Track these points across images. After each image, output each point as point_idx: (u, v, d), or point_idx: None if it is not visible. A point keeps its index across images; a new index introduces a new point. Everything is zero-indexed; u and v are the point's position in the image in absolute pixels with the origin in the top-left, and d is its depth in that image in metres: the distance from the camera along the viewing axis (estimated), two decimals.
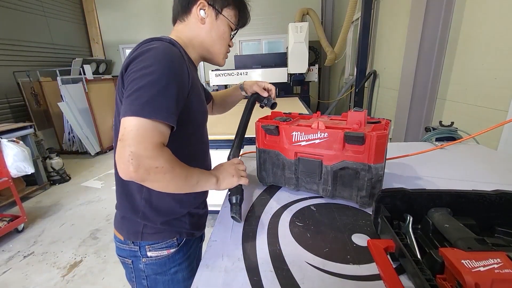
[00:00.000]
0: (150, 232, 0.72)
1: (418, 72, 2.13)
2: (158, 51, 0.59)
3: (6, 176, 2.51)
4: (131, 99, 0.55)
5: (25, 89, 4.30)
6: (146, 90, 0.54)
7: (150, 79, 0.55)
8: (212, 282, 0.51)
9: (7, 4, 4.21)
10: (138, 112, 0.53)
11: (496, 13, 1.54)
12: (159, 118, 0.55)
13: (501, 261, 0.37)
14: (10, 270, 2.04)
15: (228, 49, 0.79)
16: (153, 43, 0.61)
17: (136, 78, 0.56)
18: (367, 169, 0.68)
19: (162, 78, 0.56)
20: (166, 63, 0.58)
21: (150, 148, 0.53)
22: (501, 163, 0.99)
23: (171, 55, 0.60)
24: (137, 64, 0.58)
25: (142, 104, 0.54)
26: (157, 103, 0.55)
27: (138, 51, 0.59)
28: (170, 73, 0.58)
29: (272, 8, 5.65)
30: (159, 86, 0.55)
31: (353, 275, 0.50)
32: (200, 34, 0.73)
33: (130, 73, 0.58)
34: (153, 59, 0.57)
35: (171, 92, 0.57)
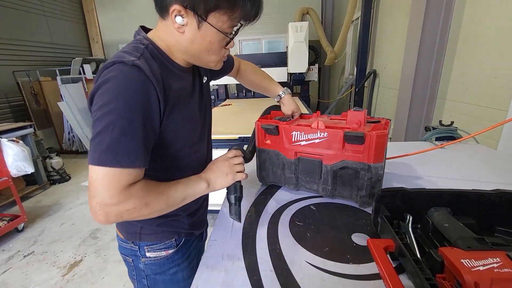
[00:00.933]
0: (147, 233, 0.71)
1: (418, 72, 2.13)
2: (116, 82, 0.51)
3: (6, 175, 2.51)
4: (93, 145, 0.50)
5: (25, 88, 4.30)
6: (107, 133, 0.49)
7: (110, 120, 0.49)
8: (212, 282, 0.51)
9: (7, 4, 4.21)
10: (100, 161, 0.49)
11: (496, 13, 1.54)
12: (123, 165, 0.50)
13: (501, 260, 0.37)
14: (10, 270, 2.04)
15: (224, 53, 0.64)
16: (113, 69, 0.52)
17: (96, 119, 0.50)
18: (367, 169, 0.68)
19: (122, 117, 0.50)
20: (126, 98, 0.50)
21: (116, 194, 0.50)
22: (501, 163, 1.00)
23: (132, 86, 0.51)
24: (97, 100, 0.52)
25: (104, 151, 0.49)
26: (120, 148, 0.50)
27: (99, 81, 0.52)
28: (132, 109, 0.51)
29: (272, 8, 5.64)
30: (120, 127, 0.49)
31: (353, 275, 0.50)
32: (181, 43, 0.59)
33: (93, 111, 0.52)
34: (111, 94, 0.50)
35: (135, 131, 0.51)
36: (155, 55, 0.59)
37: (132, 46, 0.58)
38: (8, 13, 4.24)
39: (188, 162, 0.69)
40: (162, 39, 0.62)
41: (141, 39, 0.61)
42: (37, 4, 4.79)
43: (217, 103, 4.17)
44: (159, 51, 0.61)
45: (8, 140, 2.65)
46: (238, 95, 4.40)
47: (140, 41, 0.60)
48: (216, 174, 0.67)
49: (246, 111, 3.06)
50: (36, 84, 4.33)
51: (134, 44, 0.59)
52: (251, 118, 0.91)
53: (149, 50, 0.59)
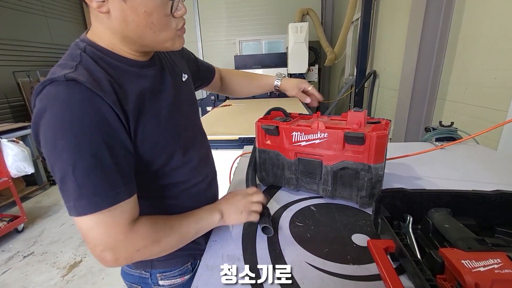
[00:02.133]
0: (160, 260, 0.63)
1: (418, 72, 2.13)
2: (54, 112, 0.41)
3: (6, 176, 2.51)
4: (63, 195, 0.43)
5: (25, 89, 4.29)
6: (71, 178, 0.41)
7: (66, 163, 0.41)
8: (212, 282, 0.51)
9: (7, 4, 4.21)
10: (79, 211, 0.42)
11: (496, 13, 1.54)
12: (108, 205, 0.43)
13: (501, 261, 0.37)
14: (10, 270, 2.04)
15: (177, 24, 0.50)
16: (44, 95, 0.42)
17: (52, 165, 0.43)
18: (367, 169, 0.68)
19: (79, 152, 0.41)
20: (74, 128, 0.41)
21: (120, 238, 0.45)
22: (501, 163, 0.99)
23: (75, 109, 0.41)
24: (42, 142, 0.43)
25: (77, 199, 0.42)
26: (91, 189, 0.42)
27: (34, 114, 0.43)
28: (86, 138, 0.41)
29: (272, 8, 5.65)
30: (81, 166, 0.41)
31: (353, 275, 0.50)
32: (115, 28, 0.47)
33: (44, 155, 0.44)
34: (54, 130, 0.41)
35: (102, 163, 0.43)
36: (98, 58, 0.48)
37: (67, 55, 0.48)
38: (8, 14, 4.25)
39: (182, 176, 0.62)
40: (98, 34, 0.50)
41: (77, 42, 0.50)
42: (37, 5, 4.79)
43: (217, 104, 4.18)
44: (101, 51, 0.49)
45: (8, 140, 2.65)
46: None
47: (76, 45, 0.50)
48: (231, 209, 0.61)
49: (246, 112, 3.06)
50: (36, 84, 4.33)
51: (69, 52, 0.49)
52: (251, 119, 0.91)
53: (89, 53, 0.48)
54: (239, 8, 5.70)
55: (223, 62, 5.84)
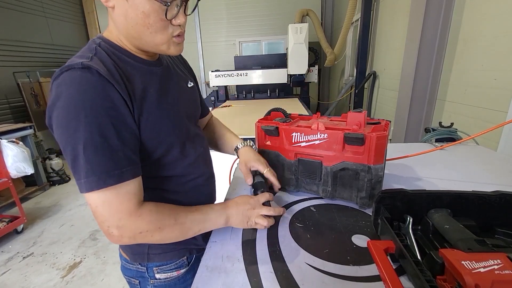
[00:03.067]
0: (156, 253, 0.65)
1: (417, 73, 2.14)
2: (69, 95, 0.45)
3: (6, 176, 2.50)
4: (74, 172, 0.47)
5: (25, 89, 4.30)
6: (80, 156, 0.45)
7: (78, 141, 0.45)
8: (212, 283, 0.51)
9: (7, 5, 4.22)
10: (87, 187, 0.46)
11: (496, 14, 1.54)
12: (111, 183, 0.47)
13: (501, 262, 0.37)
14: (9, 271, 2.03)
15: (173, 31, 0.53)
16: (61, 80, 0.47)
17: (65, 146, 0.46)
18: (367, 170, 0.68)
19: (90, 132, 0.45)
20: (87, 109, 0.45)
21: (125, 217, 0.48)
22: (501, 164, 0.99)
23: (88, 93, 0.46)
24: (56, 124, 0.47)
25: (86, 176, 0.46)
26: (100, 167, 0.46)
27: (51, 99, 0.47)
28: (97, 120, 0.46)
29: (271, 9, 5.66)
30: (91, 145, 0.45)
31: (353, 276, 0.50)
32: (119, 24, 0.52)
33: (57, 137, 0.48)
34: (68, 112, 0.45)
35: (110, 143, 0.47)
36: (110, 52, 0.53)
37: (85, 49, 0.54)
38: (8, 14, 4.25)
39: (180, 170, 0.64)
40: (110, 31, 0.56)
41: (94, 39, 0.56)
42: (37, 5, 4.80)
43: (217, 104, 4.18)
44: (113, 46, 0.55)
45: (8, 141, 2.65)
46: (238, 97, 4.41)
47: (93, 41, 0.56)
48: (238, 216, 0.62)
49: (246, 113, 3.06)
50: (36, 85, 4.33)
51: (87, 46, 0.55)
52: (251, 119, 0.91)
53: (103, 48, 0.53)
54: (239, 9, 5.71)
55: (223, 63, 5.86)
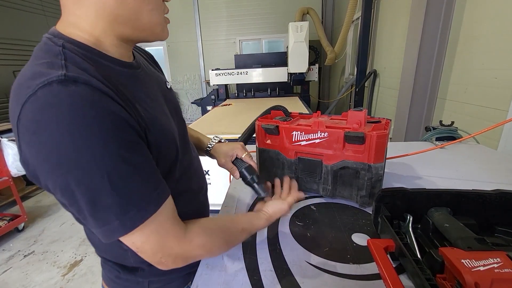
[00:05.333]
0: (158, 286, 0.58)
1: (418, 72, 2.13)
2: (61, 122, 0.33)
3: (6, 175, 2.51)
4: (95, 218, 0.37)
5: None
6: (108, 192, 0.35)
7: (94, 177, 0.34)
8: (212, 282, 0.51)
9: (7, 4, 4.21)
10: (128, 226, 0.37)
11: (496, 13, 1.53)
12: (155, 207, 0.39)
13: (501, 260, 0.37)
14: (10, 269, 2.04)
15: (164, 9, 0.47)
16: (36, 106, 0.33)
17: (71, 188, 0.35)
18: (367, 169, 0.68)
19: (110, 161, 0.35)
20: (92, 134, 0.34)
21: (176, 245, 0.43)
22: (501, 163, 0.99)
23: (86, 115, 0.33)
24: (47, 161, 0.34)
25: (123, 212, 0.36)
26: (137, 194, 0.38)
27: (27, 127, 0.34)
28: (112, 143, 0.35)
29: (272, 8, 5.64)
30: (118, 172, 0.36)
31: (353, 275, 0.50)
32: (106, 5, 0.40)
33: (49, 178, 0.36)
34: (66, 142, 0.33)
35: (135, 162, 0.38)
36: (82, 55, 0.39)
37: (42, 53, 0.38)
38: (8, 13, 4.24)
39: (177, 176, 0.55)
40: (77, 25, 0.41)
41: (51, 38, 0.40)
42: (37, 4, 4.79)
43: (217, 103, 4.18)
44: (82, 47, 0.40)
45: (9, 139, 2.65)
46: (238, 95, 4.41)
47: (50, 41, 0.40)
48: (275, 216, 0.60)
49: (246, 111, 3.06)
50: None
51: (41, 50, 0.39)
52: (251, 118, 0.91)
53: (71, 50, 0.39)
54: (239, 7, 5.69)
55: (223, 62, 5.85)
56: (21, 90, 0.34)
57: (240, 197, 0.83)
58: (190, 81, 6.26)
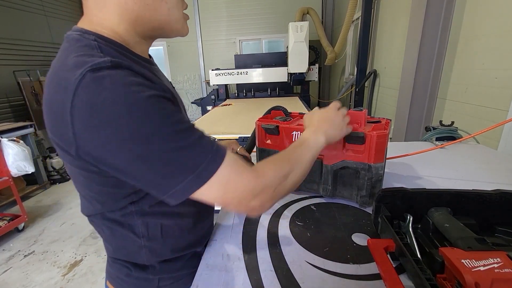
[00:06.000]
0: (167, 284, 0.57)
1: (418, 72, 2.13)
2: (121, 95, 0.35)
3: (7, 175, 2.51)
4: (171, 176, 0.38)
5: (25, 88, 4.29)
6: (174, 153, 0.38)
7: (168, 138, 0.37)
8: (212, 282, 0.51)
9: (7, 3, 4.21)
10: (210, 171, 0.39)
11: (496, 13, 1.53)
12: (223, 152, 0.42)
13: (501, 260, 0.37)
14: (10, 269, 2.04)
15: (183, 5, 0.49)
16: (96, 80, 0.35)
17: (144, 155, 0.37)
18: (367, 169, 0.68)
19: (170, 122, 0.38)
20: (151, 104, 0.37)
21: (253, 182, 0.43)
22: (501, 163, 0.99)
23: (138, 89, 0.37)
24: (110, 130, 0.35)
25: (202, 160, 0.39)
26: (207, 143, 0.41)
27: (80, 101, 0.35)
28: (167, 109, 0.39)
29: (272, 7, 5.64)
30: (183, 129, 0.39)
31: (353, 275, 0.50)
32: (127, 5, 0.43)
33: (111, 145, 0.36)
34: (130, 110, 0.35)
35: (190, 123, 0.41)
36: (113, 50, 0.42)
37: (77, 48, 0.40)
38: (8, 13, 4.25)
39: None
40: (100, 23, 0.44)
41: (78, 35, 0.42)
42: (37, 4, 4.79)
43: (217, 103, 4.18)
44: (110, 42, 0.43)
45: (9, 139, 2.65)
46: (238, 95, 4.41)
47: (79, 38, 0.41)
48: (332, 129, 0.59)
49: (246, 111, 3.06)
50: (36, 83, 4.33)
51: (75, 45, 0.41)
52: (251, 118, 0.91)
53: (102, 45, 0.41)
54: (239, 7, 5.69)
55: (223, 62, 5.85)
56: (67, 79, 0.36)
57: None
58: (190, 81, 6.27)
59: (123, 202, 0.47)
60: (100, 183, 0.44)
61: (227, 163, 0.41)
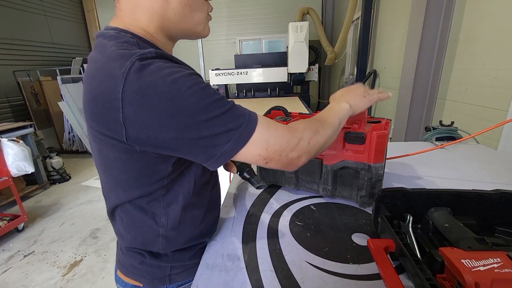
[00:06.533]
0: (178, 272, 0.60)
1: (418, 72, 2.13)
2: (168, 77, 0.40)
3: (6, 175, 2.51)
4: (218, 138, 0.43)
5: (25, 88, 4.30)
6: (224, 110, 0.43)
7: (215, 106, 0.42)
8: (212, 282, 0.51)
9: (7, 4, 4.21)
10: (250, 127, 0.44)
11: (496, 13, 1.53)
12: (256, 118, 0.46)
13: (501, 260, 0.37)
14: (10, 270, 2.04)
15: (208, 8, 0.53)
16: (147, 68, 0.39)
17: (196, 124, 0.41)
18: (367, 169, 0.68)
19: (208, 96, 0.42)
20: (194, 81, 0.42)
21: (289, 136, 0.47)
22: (501, 163, 0.99)
23: (181, 71, 0.42)
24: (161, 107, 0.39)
25: (243, 119, 0.44)
26: (239, 113, 0.45)
27: (135, 86, 0.39)
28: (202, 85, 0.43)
29: (272, 7, 5.65)
30: (220, 98, 0.44)
31: (353, 275, 0.50)
32: (154, 10, 0.47)
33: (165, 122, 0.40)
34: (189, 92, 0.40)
35: (224, 97, 0.45)
36: (150, 46, 0.47)
37: (117, 42, 0.44)
38: (8, 13, 4.25)
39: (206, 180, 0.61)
40: (132, 24, 0.48)
41: (115, 32, 0.46)
42: (37, 4, 4.79)
43: None
44: (143, 40, 0.48)
45: (9, 140, 2.65)
46: (238, 95, 4.41)
47: (117, 35, 0.46)
48: (356, 97, 0.63)
49: None
50: (36, 84, 4.34)
51: (114, 40, 0.45)
52: None
53: (140, 42, 0.46)
54: (240, 7, 5.70)
55: (223, 62, 5.85)
56: (114, 68, 0.40)
57: (239, 197, 0.83)
58: None
59: (155, 186, 0.51)
60: (139, 166, 0.48)
61: (262, 122, 0.46)
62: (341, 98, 0.64)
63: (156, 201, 0.53)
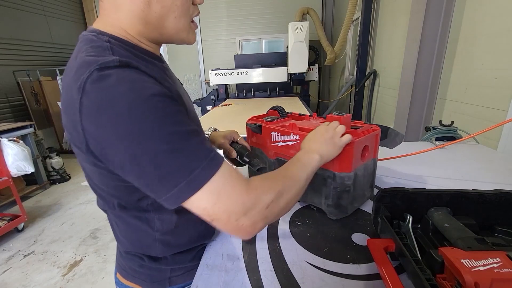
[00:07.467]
0: (179, 274, 0.59)
1: (418, 72, 2.13)
2: (127, 96, 0.37)
3: (6, 175, 2.51)
4: (164, 182, 0.38)
5: (25, 88, 4.30)
6: (177, 153, 0.38)
7: (161, 142, 0.37)
8: (212, 282, 0.51)
9: (7, 3, 4.21)
10: (199, 181, 0.38)
11: (496, 13, 1.53)
12: (219, 161, 0.41)
13: (501, 260, 0.37)
14: (10, 269, 2.04)
15: (193, 13, 0.50)
16: (105, 80, 0.37)
17: (137, 156, 0.37)
18: (333, 177, 0.65)
19: (171, 124, 0.38)
20: (153, 106, 0.38)
21: (246, 197, 0.41)
22: (501, 163, 0.99)
23: (145, 90, 0.38)
24: (116, 132, 0.36)
25: (192, 171, 0.38)
26: (202, 150, 0.40)
27: (92, 102, 0.37)
28: (168, 109, 0.39)
29: (272, 8, 5.64)
30: (182, 135, 0.39)
31: (353, 275, 0.50)
32: (135, 12, 0.45)
33: (117, 147, 0.37)
34: (132, 114, 0.36)
35: (191, 127, 0.41)
36: (124, 49, 0.44)
37: (90, 48, 0.42)
38: (8, 13, 4.24)
39: None
40: (113, 25, 0.46)
41: (92, 36, 0.44)
42: (37, 4, 4.79)
43: (217, 103, 4.18)
44: (122, 42, 0.45)
45: (8, 140, 2.65)
46: (238, 95, 4.41)
47: (95, 37, 0.44)
48: (325, 144, 0.57)
49: (246, 111, 3.06)
50: (36, 83, 4.33)
51: (88, 45, 0.43)
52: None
53: (114, 45, 0.44)
54: (239, 7, 5.69)
55: (223, 62, 5.85)
56: (77, 78, 0.38)
57: None
58: (190, 81, 6.27)
59: (137, 195, 0.48)
60: (113, 178, 0.45)
61: (222, 172, 0.40)
62: (310, 146, 0.58)
63: (145, 209, 0.51)
